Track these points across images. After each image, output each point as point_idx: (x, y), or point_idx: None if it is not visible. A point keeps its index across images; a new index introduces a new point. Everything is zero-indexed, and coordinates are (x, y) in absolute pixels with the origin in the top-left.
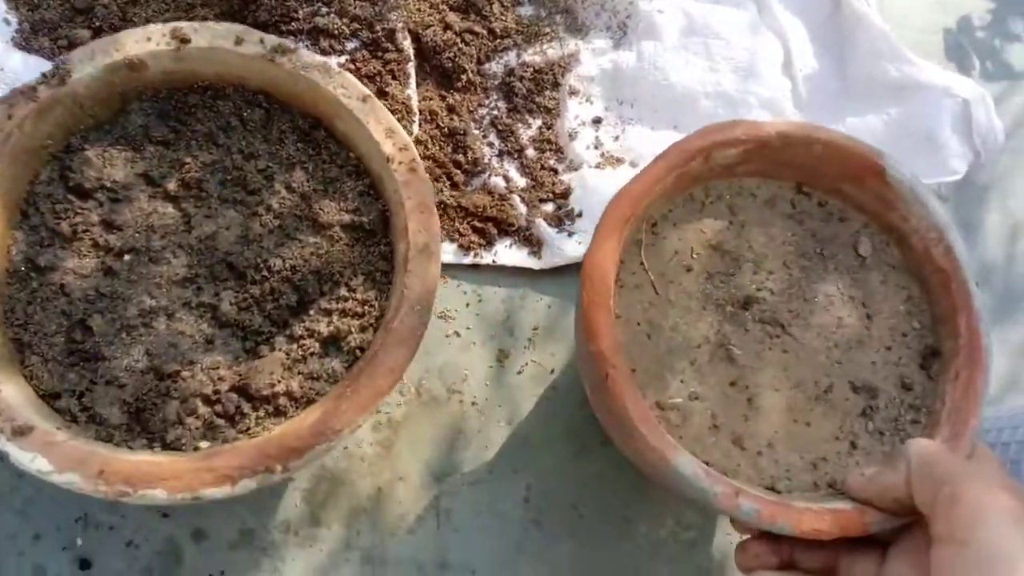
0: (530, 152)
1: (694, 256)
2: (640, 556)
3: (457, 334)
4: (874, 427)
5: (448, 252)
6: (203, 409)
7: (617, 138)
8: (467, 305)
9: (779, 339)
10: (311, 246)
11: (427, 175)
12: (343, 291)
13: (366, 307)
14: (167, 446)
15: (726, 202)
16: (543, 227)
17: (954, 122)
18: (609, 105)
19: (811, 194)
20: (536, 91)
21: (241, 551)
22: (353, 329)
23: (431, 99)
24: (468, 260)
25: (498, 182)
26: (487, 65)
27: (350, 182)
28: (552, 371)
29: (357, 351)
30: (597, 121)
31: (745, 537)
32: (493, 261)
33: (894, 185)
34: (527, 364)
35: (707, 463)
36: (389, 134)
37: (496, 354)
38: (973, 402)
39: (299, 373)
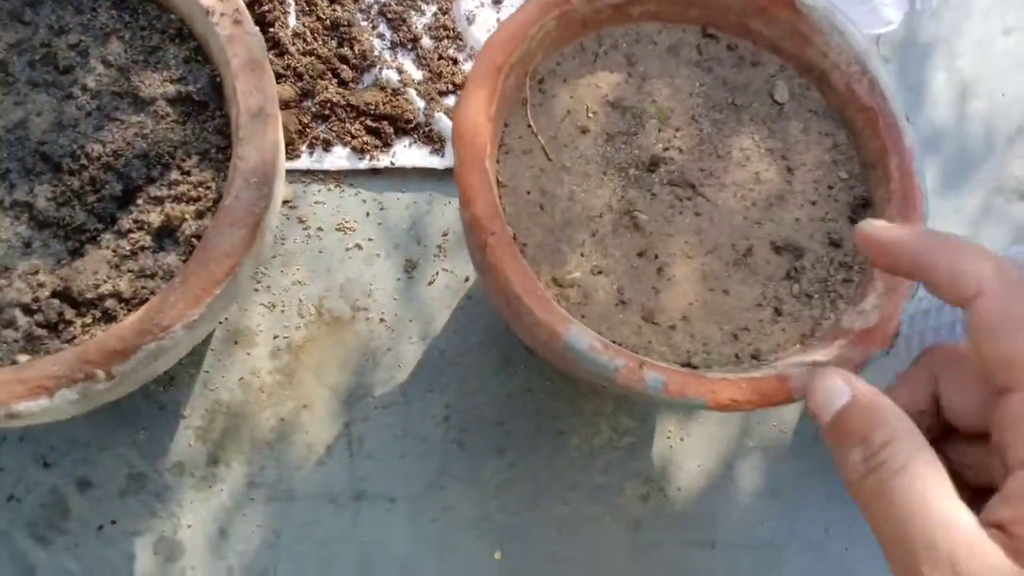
0: (425, 41)
1: (590, 115)
2: (575, 469)
3: (359, 247)
4: (800, 290)
5: (341, 156)
6: (22, 319)
7: None
8: (367, 214)
9: (690, 201)
10: (134, 126)
11: (256, 28)
12: (175, 174)
13: (202, 190)
14: None
15: (623, 51)
16: (444, 122)
17: None
18: None
19: (719, 37)
20: None
21: (132, 498)
22: (188, 216)
23: None
24: (364, 164)
25: (391, 76)
26: None
27: (173, 48)
28: (467, 279)
29: (194, 240)
30: (497, 1)
31: None
32: (392, 163)
33: (807, 13)
34: (438, 274)
35: (615, 342)
36: None
37: (403, 265)
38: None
39: (129, 271)
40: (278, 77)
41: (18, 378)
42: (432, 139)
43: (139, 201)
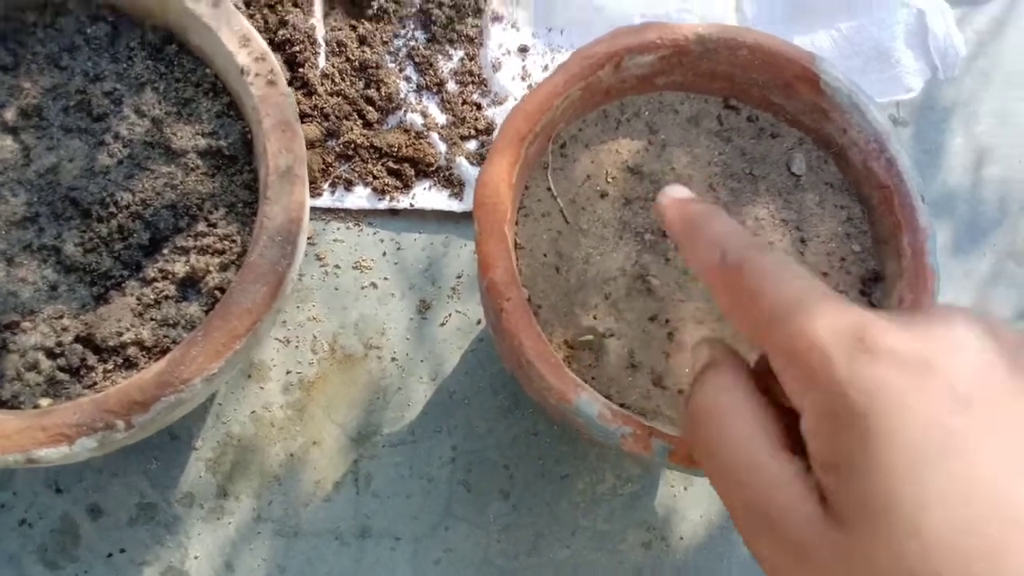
0: (451, 86)
1: (609, 180)
2: (578, 514)
3: (374, 285)
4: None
5: (362, 197)
6: (45, 363)
7: (546, 67)
8: (384, 254)
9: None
10: (164, 176)
11: (289, 89)
12: (201, 226)
13: (227, 243)
14: (3, 404)
15: (644, 119)
16: (465, 166)
17: (908, 35)
18: (537, 31)
19: (740, 109)
20: (457, 18)
21: (141, 527)
22: (212, 268)
23: (339, 29)
24: (384, 205)
25: (415, 119)
26: None
27: (206, 102)
28: (479, 322)
29: (217, 292)
30: (523, 49)
31: None
32: (411, 205)
33: (829, 93)
34: (451, 315)
35: (624, 405)
36: (244, 42)
37: (417, 305)
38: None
39: (151, 320)
40: (304, 116)
41: (40, 424)
42: (452, 183)
43: (165, 251)
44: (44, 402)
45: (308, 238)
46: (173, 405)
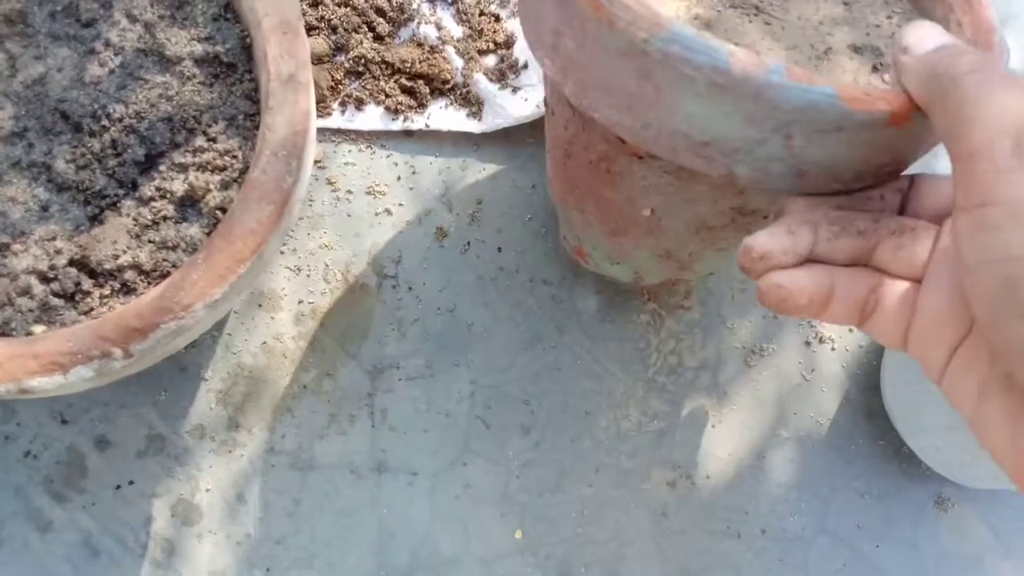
0: None
1: None
2: (601, 452)
3: (388, 212)
4: (890, 80)
5: (374, 116)
6: (38, 287)
7: None
8: (399, 178)
9: (757, 18)
10: (159, 86)
11: None
12: (200, 141)
13: (228, 158)
14: None
15: None
16: (483, 83)
17: None
18: None
19: None
20: None
21: (150, 459)
22: (213, 186)
23: None
24: (397, 126)
25: (429, 32)
26: None
27: (201, 4)
28: (499, 249)
29: (219, 212)
30: None
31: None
32: (426, 126)
33: None
34: (470, 243)
35: None
36: None
37: (434, 233)
38: (986, 31)
39: (149, 242)
40: (311, 29)
41: (32, 352)
42: (469, 102)
43: (162, 167)
44: (37, 329)
45: (317, 161)
46: (174, 333)
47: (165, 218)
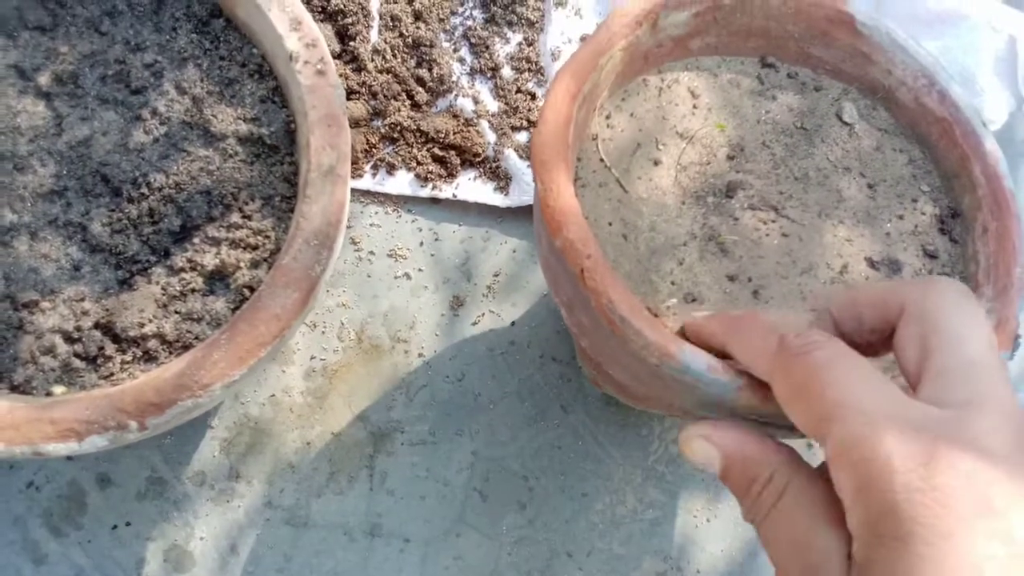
0: (506, 71)
1: (660, 147)
2: (594, 535)
3: (408, 276)
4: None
5: (404, 182)
6: (61, 348)
7: None
8: (421, 244)
9: (775, 223)
10: (201, 160)
11: (338, 80)
12: (235, 217)
13: (260, 238)
14: (15, 388)
15: (685, 85)
16: (513, 159)
17: (997, 62)
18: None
19: (778, 66)
20: (518, 0)
21: (149, 502)
22: (243, 264)
23: (395, 2)
24: (425, 192)
25: (466, 104)
26: None
27: (251, 85)
28: (512, 323)
29: (246, 290)
30: (585, 39)
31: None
32: (454, 195)
33: (867, 34)
34: (484, 315)
35: None
36: (295, 25)
37: (450, 301)
38: (1011, 251)
39: (175, 312)
40: (352, 94)
41: (49, 417)
42: (498, 176)
43: (196, 239)
44: (57, 389)
45: None
46: (189, 409)
47: (193, 290)
